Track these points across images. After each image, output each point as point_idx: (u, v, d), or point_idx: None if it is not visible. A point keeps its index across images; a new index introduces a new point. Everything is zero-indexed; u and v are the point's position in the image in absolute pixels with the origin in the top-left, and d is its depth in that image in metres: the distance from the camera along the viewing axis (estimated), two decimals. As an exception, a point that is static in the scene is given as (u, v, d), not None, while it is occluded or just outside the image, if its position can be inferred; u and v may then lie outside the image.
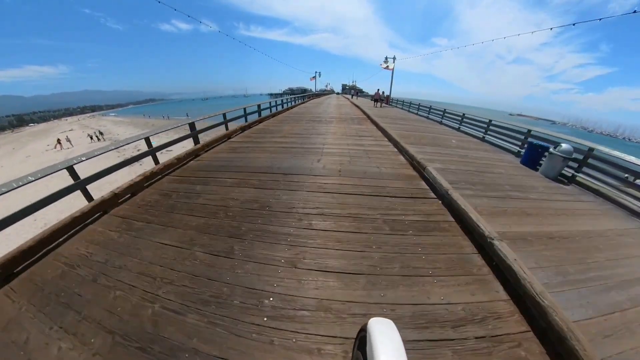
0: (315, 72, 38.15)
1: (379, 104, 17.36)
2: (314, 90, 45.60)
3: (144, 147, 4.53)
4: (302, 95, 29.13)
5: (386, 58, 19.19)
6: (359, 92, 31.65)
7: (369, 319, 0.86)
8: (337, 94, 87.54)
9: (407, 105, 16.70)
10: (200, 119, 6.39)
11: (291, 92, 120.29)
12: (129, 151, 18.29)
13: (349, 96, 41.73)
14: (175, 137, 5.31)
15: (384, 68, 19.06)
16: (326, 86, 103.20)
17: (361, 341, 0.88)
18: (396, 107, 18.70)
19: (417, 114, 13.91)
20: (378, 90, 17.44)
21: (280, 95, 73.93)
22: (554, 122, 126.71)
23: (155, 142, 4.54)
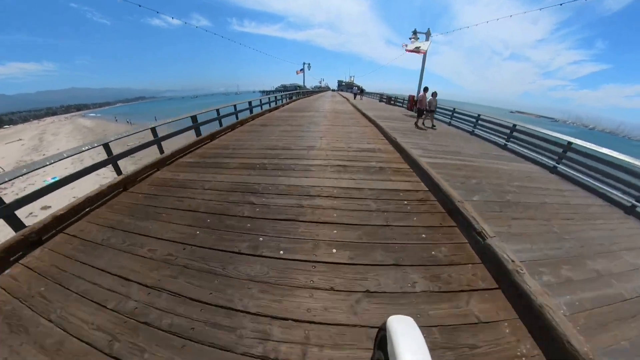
0: (303, 64, 29.97)
1: (427, 119, 8.83)
2: (307, 87, 37.72)
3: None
4: (291, 92, 21.52)
5: (414, 32, 11.40)
6: (363, 91, 23.70)
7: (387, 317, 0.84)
8: (333, 90, 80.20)
9: (464, 121, 9.07)
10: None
11: (284, 88, 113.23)
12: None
13: (350, 94, 33.87)
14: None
15: (412, 52, 11.39)
16: (320, 82, 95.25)
17: (382, 340, 0.87)
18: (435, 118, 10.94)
19: (522, 154, 6.23)
20: (425, 90, 8.61)
21: (273, 92, 67.19)
22: (554, 120, 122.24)
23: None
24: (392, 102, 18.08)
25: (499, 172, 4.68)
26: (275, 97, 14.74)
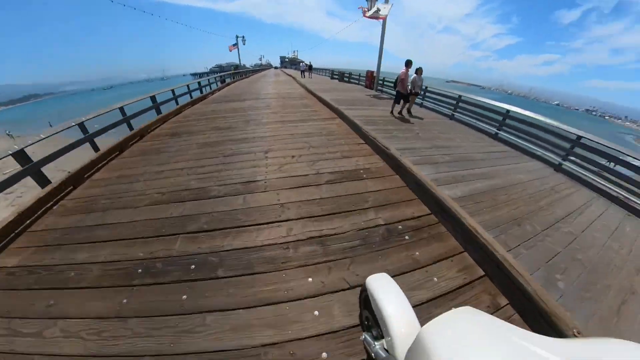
0: (237, 38, 24.83)
1: (403, 107, 6.65)
2: (246, 65, 32.55)
3: None
4: (224, 74, 17.46)
5: (371, -11, 9.11)
6: (311, 68, 20.62)
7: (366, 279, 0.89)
8: (275, 68, 74.48)
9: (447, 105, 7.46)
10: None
11: (220, 69, 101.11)
12: None
13: (296, 71, 30.29)
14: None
15: (371, 17, 9.14)
16: (260, 59, 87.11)
17: (365, 300, 0.92)
18: (420, 104, 7.94)
19: (517, 145, 4.63)
20: (408, 65, 6.03)
21: (207, 74, 58.06)
22: (482, 87, 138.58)
23: None
24: (346, 78, 15.88)
25: (527, 190, 3.09)
26: (199, 82, 11.11)
